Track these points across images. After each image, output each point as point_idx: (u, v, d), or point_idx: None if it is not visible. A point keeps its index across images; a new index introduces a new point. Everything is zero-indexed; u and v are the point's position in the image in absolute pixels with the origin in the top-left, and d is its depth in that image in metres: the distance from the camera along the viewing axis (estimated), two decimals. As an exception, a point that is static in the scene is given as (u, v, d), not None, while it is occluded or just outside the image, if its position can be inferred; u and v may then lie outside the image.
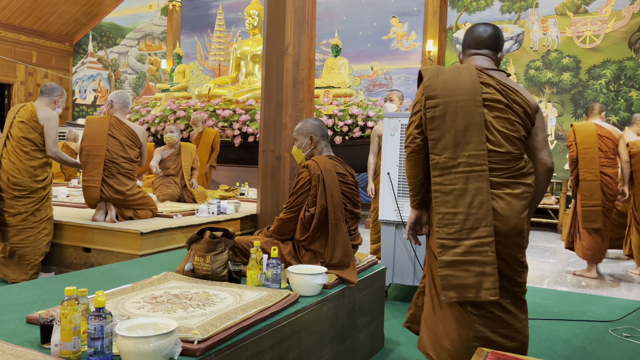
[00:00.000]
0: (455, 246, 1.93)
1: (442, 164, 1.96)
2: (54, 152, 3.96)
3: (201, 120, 7.11)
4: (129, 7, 12.57)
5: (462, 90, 1.97)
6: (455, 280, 1.91)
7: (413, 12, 9.53)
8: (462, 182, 1.94)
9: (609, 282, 4.87)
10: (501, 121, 1.98)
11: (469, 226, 1.92)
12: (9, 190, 3.92)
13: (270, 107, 4.35)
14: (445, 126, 1.96)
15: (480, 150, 1.94)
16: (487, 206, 1.92)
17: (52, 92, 4.05)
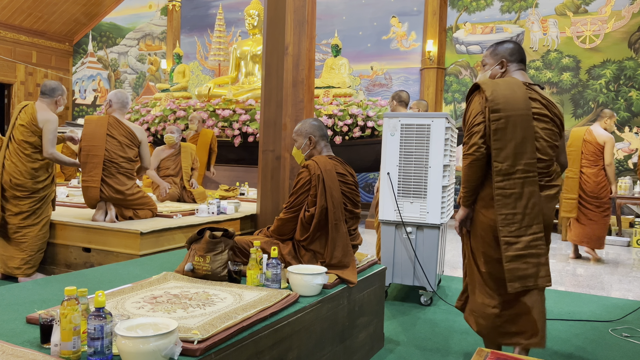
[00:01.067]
0: (516, 242, 2.25)
1: (504, 170, 2.27)
2: (49, 153, 3.98)
3: (198, 119, 7.00)
4: (128, 7, 12.56)
5: (519, 105, 2.28)
6: (518, 272, 2.25)
7: (413, 12, 9.54)
8: (519, 187, 2.26)
9: (610, 282, 4.87)
10: (546, 132, 2.32)
11: (525, 224, 2.25)
12: (11, 190, 4.00)
13: (270, 107, 4.35)
14: (507, 137, 2.27)
15: (533, 158, 2.28)
16: (539, 206, 2.27)
17: (53, 93, 4.07)
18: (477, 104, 2.37)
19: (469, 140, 2.34)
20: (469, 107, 2.42)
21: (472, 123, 2.35)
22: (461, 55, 9.16)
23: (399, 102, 4.63)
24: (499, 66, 2.48)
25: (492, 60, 2.50)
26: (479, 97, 2.37)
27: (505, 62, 2.47)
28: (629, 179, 7.46)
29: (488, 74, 2.51)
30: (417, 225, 3.76)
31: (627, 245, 6.84)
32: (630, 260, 5.94)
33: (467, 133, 2.38)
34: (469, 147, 2.34)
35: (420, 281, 3.78)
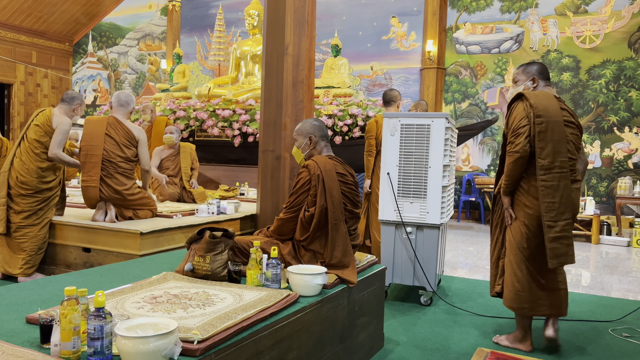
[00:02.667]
0: (554, 226, 2.74)
1: (546, 166, 2.75)
2: (54, 153, 4.04)
3: (151, 108, 6.57)
4: (128, 7, 12.56)
5: (555, 112, 2.79)
6: (557, 251, 2.74)
7: (413, 12, 9.53)
8: (557, 180, 2.74)
9: (610, 282, 4.87)
10: (573, 136, 2.85)
11: (561, 211, 2.74)
12: (16, 188, 4.07)
13: (270, 107, 4.35)
14: (547, 139, 2.76)
15: (566, 157, 2.78)
16: (570, 197, 2.78)
17: (72, 101, 4.24)
18: (522, 110, 2.82)
19: (516, 140, 2.79)
20: (513, 112, 2.87)
21: (518, 125, 2.80)
22: (461, 55, 9.16)
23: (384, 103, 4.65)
24: (530, 82, 2.98)
25: (524, 77, 3.01)
26: (522, 105, 2.84)
27: (536, 78, 2.97)
28: (629, 179, 7.47)
29: (521, 88, 3.00)
30: (417, 225, 3.76)
31: (627, 245, 6.85)
32: (630, 260, 5.94)
33: (513, 134, 2.82)
34: (515, 145, 2.78)
35: (420, 281, 3.78)
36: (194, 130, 8.23)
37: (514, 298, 2.90)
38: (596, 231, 6.99)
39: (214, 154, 8.32)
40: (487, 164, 8.94)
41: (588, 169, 8.24)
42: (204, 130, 8.09)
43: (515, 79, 3.05)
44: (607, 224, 7.24)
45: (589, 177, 8.22)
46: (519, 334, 3.01)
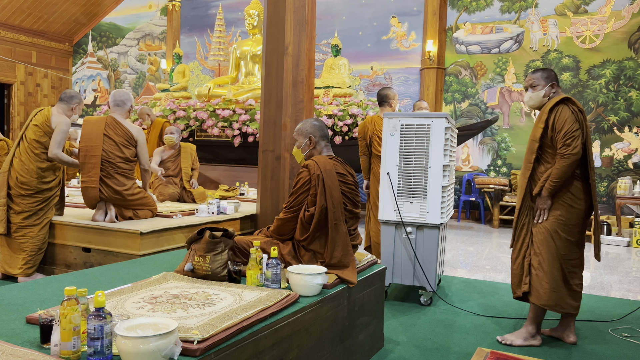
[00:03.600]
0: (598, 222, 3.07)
1: (591, 166, 2.99)
2: (54, 153, 4.03)
3: (146, 113, 6.62)
4: (128, 7, 12.56)
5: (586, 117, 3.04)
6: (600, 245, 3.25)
7: (413, 12, 9.53)
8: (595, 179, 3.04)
9: (609, 282, 4.87)
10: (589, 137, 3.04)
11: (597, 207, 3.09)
12: (16, 188, 4.07)
13: (270, 107, 4.35)
14: (590, 142, 3.00)
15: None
16: None
17: (71, 100, 4.21)
18: (571, 114, 2.93)
19: (573, 143, 2.88)
20: (561, 116, 2.93)
21: (571, 129, 2.90)
22: (461, 55, 9.16)
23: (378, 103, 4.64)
24: (549, 87, 3.08)
25: (544, 82, 3.09)
26: (569, 109, 2.94)
27: (555, 84, 3.09)
28: (629, 179, 7.47)
29: (542, 94, 3.09)
30: (417, 225, 3.76)
31: (627, 245, 6.85)
32: (630, 260, 5.94)
33: (567, 137, 2.89)
34: (574, 148, 2.88)
35: (420, 281, 3.78)
36: (194, 130, 8.23)
37: (550, 296, 2.97)
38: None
39: (214, 154, 8.32)
40: (487, 164, 8.95)
41: (588, 169, 8.25)
42: (204, 130, 8.09)
43: (534, 83, 3.11)
44: (607, 224, 7.24)
45: (589, 177, 8.23)
46: (532, 330, 3.07)
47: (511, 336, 3.10)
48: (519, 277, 3.10)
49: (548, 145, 3.02)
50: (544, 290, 2.98)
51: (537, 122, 3.06)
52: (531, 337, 3.07)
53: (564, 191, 2.99)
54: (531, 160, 3.06)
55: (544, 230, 3.01)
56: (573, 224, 3.02)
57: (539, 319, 3.07)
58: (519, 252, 3.11)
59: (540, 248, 3.01)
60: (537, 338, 3.07)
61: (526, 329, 3.09)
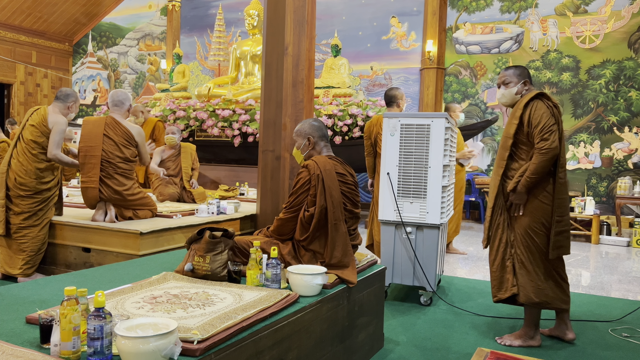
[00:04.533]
0: (561, 220, 2.92)
1: (562, 164, 2.94)
2: (53, 154, 4.02)
3: (140, 110, 6.50)
4: (128, 7, 12.56)
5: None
6: (559, 243, 2.93)
7: (413, 12, 9.53)
8: (565, 178, 2.97)
9: (609, 282, 4.87)
10: None
11: (566, 206, 2.96)
12: (15, 189, 4.06)
13: (270, 107, 4.35)
14: (563, 138, 2.97)
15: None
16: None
17: (67, 98, 4.18)
18: (546, 109, 2.90)
19: (550, 137, 2.85)
20: (537, 110, 2.91)
21: (548, 124, 2.87)
22: (461, 55, 9.16)
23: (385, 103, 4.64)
24: (522, 84, 3.07)
25: (516, 79, 3.07)
26: (544, 104, 2.92)
27: (527, 82, 3.08)
28: (629, 179, 7.47)
29: (514, 91, 3.08)
30: (417, 226, 3.76)
31: (627, 245, 6.85)
32: (630, 260, 5.95)
33: (545, 132, 2.86)
34: (551, 142, 2.85)
35: (420, 281, 3.77)
36: (193, 130, 8.23)
37: (536, 293, 2.96)
38: (596, 231, 6.99)
39: (214, 154, 8.32)
40: (487, 164, 8.94)
41: (588, 169, 8.25)
42: (204, 130, 8.09)
43: (507, 80, 3.09)
44: (607, 224, 7.24)
45: (589, 177, 8.23)
46: (530, 331, 3.05)
47: (510, 337, 3.10)
48: (500, 279, 3.05)
49: (522, 141, 2.98)
50: (531, 289, 2.97)
51: (510, 119, 3.02)
52: (530, 338, 3.06)
53: (540, 188, 2.94)
54: (504, 157, 3.02)
55: (523, 229, 2.97)
56: (545, 220, 2.96)
57: (536, 319, 3.06)
58: (496, 252, 3.05)
59: (521, 247, 2.98)
60: (536, 338, 3.06)
61: (524, 330, 3.08)
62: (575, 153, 8.33)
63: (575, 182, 8.30)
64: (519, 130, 2.96)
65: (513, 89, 3.07)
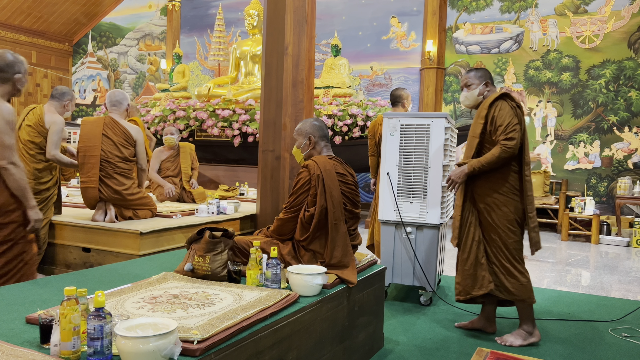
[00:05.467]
0: (532, 217, 3.01)
1: (527, 162, 3.01)
2: (52, 154, 3.99)
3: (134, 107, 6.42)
4: (128, 7, 12.56)
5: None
6: (535, 239, 3.06)
7: (413, 12, 9.53)
8: (530, 175, 3.04)
9: (609, 282, 4.88)
10: None
11: (534, 203, 3.03)
12: None
13: (269, 107, 4.35)
14: (526, 137, 3.03)
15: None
16: None
17: (62, 97, 4.13)
18: (510, 109, 2.97)
19: (513, 135, 2.91)
20: (501, 110, 2.96)
21: (511, 122, 2.93)
22: (461, 55, 9.16)
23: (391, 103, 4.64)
24: (483, 86, 3.13)
25: (478, 81, 3.13)
26: (508, 104, 2.98)
27: (489, 83, 3.13)
28: (629, 179, 7.47)
29: (476, 92, 3.14)
30: (417, 225, 3.76)
31: (627, 245, 6.85)
32: (630, 260, 5.95)
33: (508, 130, 2.92)
34: (513, 140, 2.90)
35: (420, 281, 3.77)
36: (193, 130, 8.23)
37: (523, 289, 3.01)
38: (596, 231, 6.99)
39: (214, 154, 8.32)
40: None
41: (588, 169, 8.25)
42: (204, 130, 8.09)
43: (469, 82, 3.16)
44: (607, 224, 7.25)
45: (589, 177, 8.23)
46: (528, 327, 3.08)
47: (510, 337, 3.09)
48: (474, 277, 3.07)
49: (488, 140, 3.03)
50: (517, 285, 3.01)
51: (476, 119, 3.07)
52: (530, 335, 3.07)
53: (509, 186, 3.01)
54: (471, 156, 3.07)
55: (497, 227, 3.02)
56: (517, 217, 3.02)
57: (531, 315, 3.08)
58: (469, 250, 3.08)
59: (502, 246, 3.03)
60: (536, 334, 3.09)
61: (522, 328, 3.09)
62: (575, 153, 8.33)
63: (575, 182, 8.30)
64: (484, 129, 3.02)
65: (475, 90, 3.13)
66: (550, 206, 7.87)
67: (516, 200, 3.00)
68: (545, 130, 8.50)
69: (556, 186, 8.40)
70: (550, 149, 8.47)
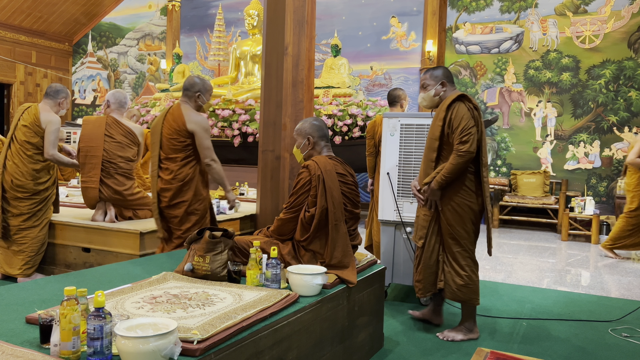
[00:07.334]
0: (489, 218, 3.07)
1: (484, 163, 3.01)
2: (50, 154, 3.98)
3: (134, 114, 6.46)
4: (128, 7, 12.56)
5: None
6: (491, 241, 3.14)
7: (412, 12, 9.53)
8: (487, 176, 3.05)
9: (609, 282, 4.88)
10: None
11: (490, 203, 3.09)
12: (12, 191, 3.99)
13: (269, 107, 4.35)
14: (484, 138, 3.01)
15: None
16: None
17: (57, 95, 4.09)
18: (467, 111, 2.93)
19: (469, 139, 2.88)
20: (458, 112, 2.94)
21: (467, 125, 2.90)
22: (461, 55, 9.16)
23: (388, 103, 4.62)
24: (440, 86, 3.10)
25: (434, 82, 3.11)
26: (465, 106, 2.95)
27: (445, 82, 3.10)
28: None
29: (432, 93, 3.12)
30: (417, 225, 3.75)
31: (627, 245, 6.84)
32: (630, 260, 5.95)
33: (463, 134, 2.89)
34: (470, 145, 2.88)
35: (420, 281, 3.77)
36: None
37: (470, 290, 3.05)
38: (596, 231, 6.99)
39: (214, 154, 8.31)
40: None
41: (588, 169, 8.25)
42: (204, 130, 8.07)
43: (425, 84, 3.15)
44: (607, 224, 7.24)
45: (589, 177, 8.23)
46: (470, 325, 3.16)
47: (451, 332, 3.16)
48: (435, 275, 3.14)
49: (447, 142, 3.03)
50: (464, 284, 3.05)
51: (435, 120, 3.07)
52: (469, 331, 3.15)
53: (466, 188, 3.01)
54: (432, 158, 3.07)
55: (453, 228, 3.04)
56: (472, 218, 3.03)
57: (474, 313, 3.16)
58: (432, 249, 3.12)
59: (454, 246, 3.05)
60: (475, 331, 3.17)
61: (464, 325, 3.17)
62: (575, 153, 8.33)
63: (575, 182, 8.30)
64: (443, 131, 3.02)
65: (431, 91, 3.12)
66: (550, 206, 7.87)
67: (472, 202, 3.01)
68: (545, 130, 8.50)
69: (556, 186, 8.40)
70: (550, 149, 8.47)
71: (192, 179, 3.40)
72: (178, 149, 3.39)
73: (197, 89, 3.54)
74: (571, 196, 7.95)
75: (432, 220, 3.11)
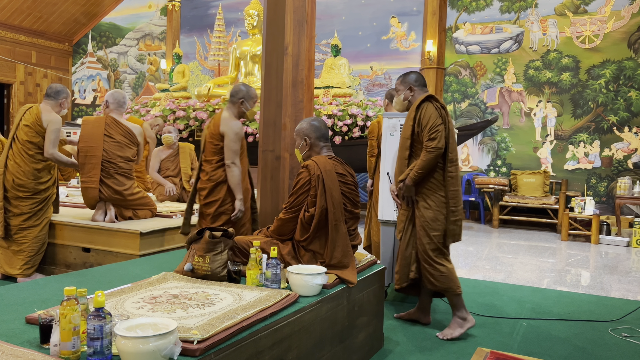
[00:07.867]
0: (456, 211, 3.15)
1: (451, 159, 3.13)
2: (50, 153, 3.99)
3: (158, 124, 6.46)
4: (128, 7, 12.56)
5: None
6: (455, 232, 3.17)
7: (412, 12, 9.53)
8: (456, 171, 3.18)
9: (609, 282, 4.87)
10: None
11: (459, 197, 3.17)
12: (13, 191, 4.01)
13: (269, 107, 4.35)
14: (451, 135, 3.15)
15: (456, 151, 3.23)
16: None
17: (58, 95, 4.11)
18: (434, 110, 3.12)
19: (437, 136, 3.06)
20: (426, 112, 3.12)
21: (435, 123, 3.08)
22: (461, 55, 9.16)
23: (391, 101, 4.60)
24: (408, 90, 3.30)
25: (403, 87, 3.33)
26: (433, 106, 3.14)
27: (413, 87, 3.30)
28: (629, 179, 7.47)
29: (402, 97, 3.34)
30: (417, 225, 3.75)
31: (627, 245, 6.85)
32: (630, 260, 5.95)
33: (432, 132, 3.07)
34: (438, 142, 3.06)
35: (420, 281, 3.77)
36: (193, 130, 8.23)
37: (444, 279, 3.15)
38: (596, 231, 6.99)
39: (214, 154, 8.30)
40: (486, 164, 8.95)
41: (588, 169, 8.25)
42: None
43: (397, 89, 3.38)
44: (607, 224, 7.25)
45: (589, 177, 8.23)
46: (462, 314, 3.20)
47: (448, 330, 3.19)
48: (409, 267, 3.25)
49: (417, 140, 3.20)
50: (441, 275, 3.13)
51: (406, 121, 3.23)
52: (465, 322, 3.18)
53: (437, 184, 3.15)
54: (405, 156, 3.23)
55: (419, 219, 3.17)
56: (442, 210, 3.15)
57: (460, 302, 3.20)
58: (408, 243, 3.25)
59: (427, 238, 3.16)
60: (469, 319, 3.20)
61: (457, 316, 3.19)
62: (575, 153, 8.33)
63: (575, 182, 8.30)
64: (413, 130, 3.19)
65: (401, 95, 3.35)
66: (550, 206, 7.87)
67: (441, 195, 3.14)
68: (545, 130, 8.50)
69: (556, 186, 8.39)
70: (550, 149, 8.47)
71: (224, 181, 3.60)
72: (214, 152, 3.57)
73: (240, 96, 3.74)
74: (571, 196, 7.95)
75: (408, 215, 3.25)
